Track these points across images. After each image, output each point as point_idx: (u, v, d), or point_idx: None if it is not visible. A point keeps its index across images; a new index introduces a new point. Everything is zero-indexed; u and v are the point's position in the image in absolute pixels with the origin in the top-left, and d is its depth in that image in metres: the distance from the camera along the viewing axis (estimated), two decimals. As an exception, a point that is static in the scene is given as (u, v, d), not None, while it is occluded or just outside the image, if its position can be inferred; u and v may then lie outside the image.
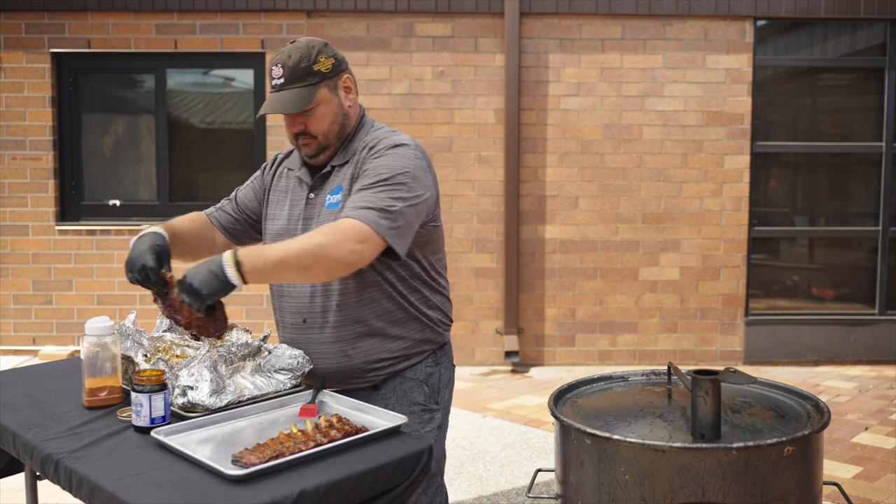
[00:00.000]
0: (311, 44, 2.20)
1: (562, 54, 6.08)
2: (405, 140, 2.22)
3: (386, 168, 2.12)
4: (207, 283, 1.93)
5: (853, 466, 4.26)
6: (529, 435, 4.72)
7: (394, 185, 2.08)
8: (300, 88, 2.17)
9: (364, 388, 2.26)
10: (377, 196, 2.06)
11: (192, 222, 2.44)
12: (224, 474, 1.67)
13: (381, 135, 2.26)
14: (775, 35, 6.40)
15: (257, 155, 6.21)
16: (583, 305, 6.21)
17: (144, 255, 2.08)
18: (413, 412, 2.25)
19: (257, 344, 2.24)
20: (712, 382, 2.18)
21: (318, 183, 2.27)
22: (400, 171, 2.11)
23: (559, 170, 6.13)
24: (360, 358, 2.22)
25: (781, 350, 6.29)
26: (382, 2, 6.00)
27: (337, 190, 2.22)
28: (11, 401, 2.20)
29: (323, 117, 2.21)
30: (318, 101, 2.18)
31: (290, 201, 2.33)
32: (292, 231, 2.27)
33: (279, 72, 2.17)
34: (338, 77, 2.23)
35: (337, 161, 2.26)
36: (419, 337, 2.28)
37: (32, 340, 6.26)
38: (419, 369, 2.30)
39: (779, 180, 6.61)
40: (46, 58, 6.09)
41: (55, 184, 6.19)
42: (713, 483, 2.04)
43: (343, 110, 2.25)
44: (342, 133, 2.26)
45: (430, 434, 2.29)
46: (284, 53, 2.19)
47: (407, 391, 2.28)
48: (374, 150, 2.19)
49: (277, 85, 2.18)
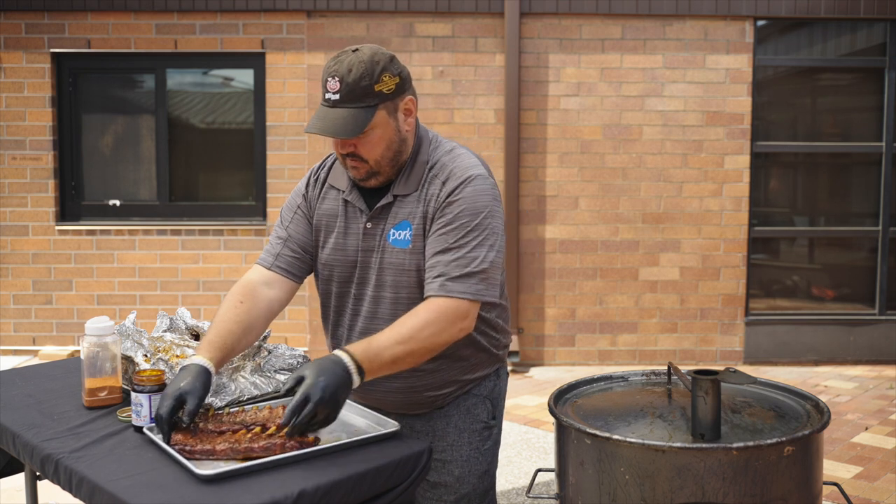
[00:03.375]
0: (376, 58, 1.96)
1: (562, 54, 6.08)
2: (476, 168, 2.04)
3: (469, 214, 1.98)
4: (342, 388, 1.80)
5: (853, 466, 4.26)
6: (529, 435, 4.72)
7: (481, 235, 1.98)
8: (357, 109, 1.94)
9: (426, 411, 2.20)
10: (471, 256, 1.96)
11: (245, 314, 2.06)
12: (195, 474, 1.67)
13: (449, 161, 2.07)
14: (775, 35, 6.40)
15: (257, 155, 6.21)
16: (583, 305, 6.21)
17: (164, 401, 1.82)
18: (475, 430, 2.20)
19: (257, 344, 2.24)
20: (712, 382, 2.18)
21: (378, 213, 2.07)
22: (482, 214, 1.99)
23: (559, 170, 6.13)
24: (428, 390, 2.15)
25: (781, 350, 6.29)
26: (382, 2, 6.00)
27: (404, 225, 2.05)
28: (11, 401, 2.20)
29: (377, 143, 1.99)
30: (374, 125, 1.97)
31: (343, 229, 2.13)
32: (351, 264, 2.12)
33: (335, 86, 1.94)
34: (400, 98, 2.01)
35: (399, 191, 2.06)
36: (486, 363, 2.22)
37: (32, 340, 6.26)
38: (483, 385, 2.23)
39: (779, 180, 6.61)
40: (46, 58, 6.09)
41: (55, 184, 6.19)
42: (713, 483, 2.04)
43: (400, 136, 2.03)
44: (396, 160, 2.05)
45: (488, 451, 2.22)
46: (345, 65, 1.94)
47: (471, 408, 2.21)
48: (447, 186, 2.02)
49: (331, 100, 1.95)
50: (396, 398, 2.17)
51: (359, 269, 2.11)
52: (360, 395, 2.18)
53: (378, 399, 2.18)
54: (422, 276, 2.03)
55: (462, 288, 1.94)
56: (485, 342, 2.17)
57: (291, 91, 6.10)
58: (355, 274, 2.12)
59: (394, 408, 2.19)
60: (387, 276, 2.07)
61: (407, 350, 1.90)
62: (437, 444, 2.18)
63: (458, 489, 2.18)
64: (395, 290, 2.06)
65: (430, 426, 2.19)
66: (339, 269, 2.14)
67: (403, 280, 2.05)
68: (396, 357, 1.89)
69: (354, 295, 2.14)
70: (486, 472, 2.22)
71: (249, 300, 2.09)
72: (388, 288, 2.07)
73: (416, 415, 2.20)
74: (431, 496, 2.20)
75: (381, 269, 2.08)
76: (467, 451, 2.18)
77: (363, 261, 2.10)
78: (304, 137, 6.10)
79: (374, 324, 2.09)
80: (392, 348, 1.89)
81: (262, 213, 6.23)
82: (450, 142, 2.15)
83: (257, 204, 6.25)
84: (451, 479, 2.18)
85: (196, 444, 1.78)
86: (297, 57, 6.07)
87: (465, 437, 2.19)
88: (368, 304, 2.11)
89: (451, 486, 2.18)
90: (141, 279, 6.18)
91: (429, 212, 2.03)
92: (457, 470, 2.18)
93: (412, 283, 2.05)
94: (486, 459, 2.22)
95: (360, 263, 2.11)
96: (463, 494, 2.18)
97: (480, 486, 2.20)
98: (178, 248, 6.17)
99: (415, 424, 2.20)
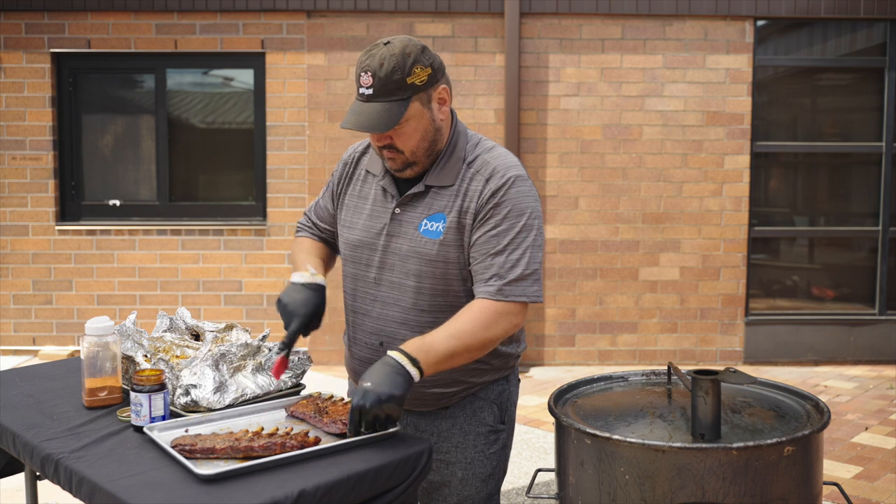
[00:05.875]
0: (407, 50, 1.97)
1: (562, 54, 6.08)
2: (518, 169, 2.08)
3: (516, 215, 2.03)
4: (398, 384, 1.84)
5: (853, 466, 4.26)
6: (529, 435, 4.72)
7: (529, 237, 2.03)
8: (390, 103, 1.96)
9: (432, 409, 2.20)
10: (522, 260, 2.01)
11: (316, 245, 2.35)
12: (195, 474, 1.68)
13: (491, 159, 2.09)
14: (775, 35, 6.40)
15: (257, 155, 6.21)
16: (583, 305, 6.21)
17: (297, 312, 2.06)
18: (480, 433, 2.19)
19: (257, 343, 2.24)
20: (712, 382, 2.18)
21: (409, 200, 2.09)
22: (527, 214, 2.04)
23: (559, 170, 6.13)
24: (435, 386, 2.14)
25: (781, 350, 6.29)
26: (382, 2, 6.00)
27: (438, 217, 2.06)
28: (11, 401, 2.20)
29: (412, 134, 2.02)
30: (408, 117, 1.99)
31: (371, 211, 2.16)
32: (373, 245, 2.13)
33: (368, 80, 1.96)
34: (432, 89, 2.03)
35: (434, 181, 2.08)
36: (497, 367, 2.20)
37: (32, 340, 6.27)
38: (491, 389, 2.22)
39: (779, 180, 6.61)
40: (46, 58, 6.09)
41: (55, 184, 6.19)
42: (713, 483, 2.04)
43: (435, 125, 2.05)
44: (432, 149, 2.07)
45: (494, 455, 2.21)
46: (376, 60, 1.96)
47: (477, 411, 2.20)
48: (490, 185, 2.04)
49: (365, 95, 1.97)
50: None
51: (380, 253, 2.12)
52: None
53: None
54: (449, 269, 2.06)
55: (519, 291, 2.01)
56: (498, 347, 2.16)
57: (291, 91, 6.10)
58: (376, 257, 2.13)
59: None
60: (411, 264, 2.08)
61: (462, 344, 1.95)
62: (442, 445, 2.17)
63: (460, 491, 2.18)
64: (419, 280, 2.07)
65: (435, 426, 2.19)
66: (361, 250, 2.16)
67: (427, 270, 2.06)
68: (452, 351, 1.94)
69: (375, 279, 2.14)
70: (490, 476, 2.21)
71: (310, 239, 2.37)
72: (413, 276, 2.08)
73: (422, 413, 2.19)
74: (434, 497, 2.20)
75: (406, 256, 2.08)
76: (471, 454, 2.18)
77: (385, 245, 2.11)
78: (304, 137, 6.10)
79: (393, 310, 2.11)
80: (446, 339, 1.94)
81: (262, 213, 6.23)
82: (488, 139, 2.17)
83: (257, 204, 6.25)
84: (453, 480, 2.17)
85: (196, 443, 1.78)
86: (297, 57, 6.07)
87: (470, 440, 2.18)
88: (388, 290, 2.12)
89: (453, 487, 2.18)
90: (141, 279, 6.18)
91: (470, 208, 2.05)
92: (460, 472, 2.17)
93: (437, 273, 2.06)
94: (490, 463, 2.20)
95: (382, 247, 2.12)
96: (465, 496, 2.18)
97: (484, 489, 2.20)
98: (178, 248, 6.17)
99: (420, 423, 2.20)
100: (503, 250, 2.01)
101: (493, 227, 2.03)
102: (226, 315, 6.14)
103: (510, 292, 2.00)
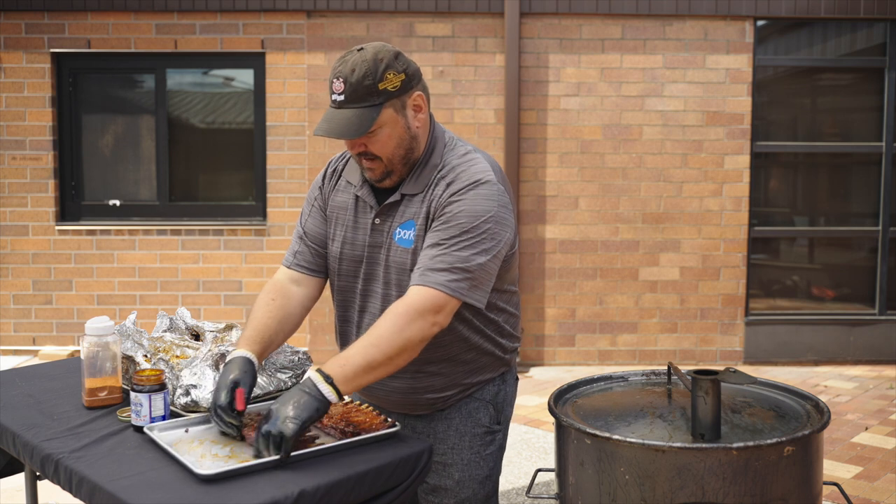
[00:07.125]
0: (380, 56, 1.94)
1: (562, 54, 6.08)
2: (485, 175, 2.01)
3: (467, 216, 1.94)
4: (307, 406, 1.77)
5: (853, 466, 4.26)
6: (529, 435, 4.72)
7: (476, 238, 1.93)
8: (362, 109, 1.93)
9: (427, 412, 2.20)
10: (457, 254, 1.91)
11: (278, 310, 2.10)
12: (195, 473, 1.68)
13: (458, 164, 2.04)
14: (775, 35, 6.40)
15: (257, 155, 6.21)
16: (583, 305, 6.21)
17: (219, 393, 1.87)
18: (476, 434, 2.18)
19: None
20: (712, 382, 2.18)
21: (386, 210, 2.07)
22: (483, 218, 1.95)
23: (559, 170, 6.13)
24: (429, 392, 2.14)
25: (781, 350, 6.29)
26: (382, 2, 6.00)
27: (409, 224, 2.04)
28: (11, 401, 2.20)
29: (386, 141, 1.98)
30: (381, 123, 1.95)
31: (352, 223, 2.13)
32: (358, 258, 2.11)
33: (340, 86, 1.94)
34: (406, 95, 1.99)
35: (408, 190, 2.04)
36: (490, 367, 2.19)
37: (32, 340, 6.26)
38: (487, 389, 2.21)
39: (779, 180, 6.61)
40: (46, 58, 6.09)
41: (55, 184, 6.19)
42: (713, 483, 2.04)
43: (411, 132, 2.01)
44: (408, 157, 2.03)
45: (490, 456, 2.21)
46: (348, 66, 1.94)
47: (472, 412, 2.19)
48: (451, 188, 1.99)
49: (337, 101, 1.95)
50: (397, 398, 2.17)
51: (365, 265, 2.11)
52: (365, 393, 2.20)
53: (380, 398, 2.19)
54: None
55: (440, 279, 1.90)
56: (489, 346, 2.16)
57: (291, 91, 6.10)
58: (362, 269, 2.12)
59: (395, 407, 2.19)
60: (392, 274, 2.07)
61: (380, 352, 1.85)
62: (438, 447, 2.17)
63: (458, 493, 2.17)
64: (400, 290, 2.05)
65: (432, 428, 2.18)
66: (346, 262, 2.14)
67: (406, 280, 2.03)
68: (369, 361, 1.85)
69: (361, 291, 2.13)
70: (487, 478, 2.21)
71: (280, 297, 2.13)
72: (394, 286, 2.07)
73: (418, 416, 2.19)
74: (432, 499, 2.19)
75: (388, 266, 2.07)
76: (468, 455, 2.17)
77: (370, 256, 2.10)
78: (304, 137, 6.10)
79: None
80: (362, 351, 1.86)
81: (262, 213, 6.23)
82: (466, 145, 2.11)
83: (257, 204, 6.25)
84: (451, 482, 2.17)
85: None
86: (297, 57, 6.07)
87: (466, 441, 2.18)
88: (376, 301, 2.11)
89: (451, 489, 2.17)
90: (141, 279, 6.18)
91: (431, 212, 2.01)
92: (457, 473, 2.17)
93: None
94: (487, 465, 2.20)
95: (366, 259, 2.11)
96: (463, 499, 2.17)
97: (481, 491, 2.19)
98: (178, 248, 6.17)
99: (416, 426, 2.20)
100: (439, 244, 1.94)
101: (439, 225, 1.97)
102: (226, 315, 6.14)
103: (430, 279, 1.90)
